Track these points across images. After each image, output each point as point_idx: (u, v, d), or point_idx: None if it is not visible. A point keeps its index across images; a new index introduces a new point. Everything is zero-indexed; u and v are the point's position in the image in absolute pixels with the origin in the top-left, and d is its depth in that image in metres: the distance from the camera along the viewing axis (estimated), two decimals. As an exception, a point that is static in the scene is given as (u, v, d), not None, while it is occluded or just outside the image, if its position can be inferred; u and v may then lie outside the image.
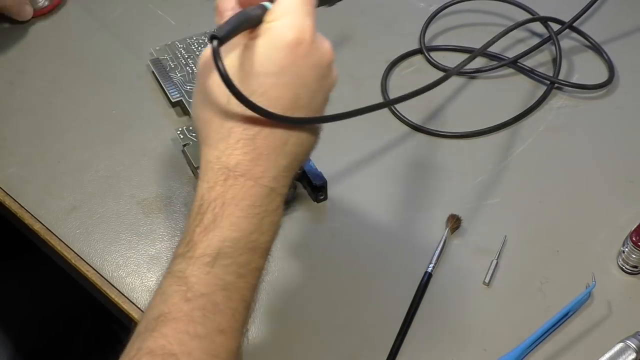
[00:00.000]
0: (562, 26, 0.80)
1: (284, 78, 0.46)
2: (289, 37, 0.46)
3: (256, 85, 0.45)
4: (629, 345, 0.54)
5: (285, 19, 0.46)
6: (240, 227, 0.45)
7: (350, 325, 0.57)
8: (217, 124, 0.46)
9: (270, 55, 0.46)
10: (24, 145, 0.70)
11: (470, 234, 0.63)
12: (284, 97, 0.46)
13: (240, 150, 0.46)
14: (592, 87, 0.76)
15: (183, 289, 0.44)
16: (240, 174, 0.46)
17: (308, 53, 0.46)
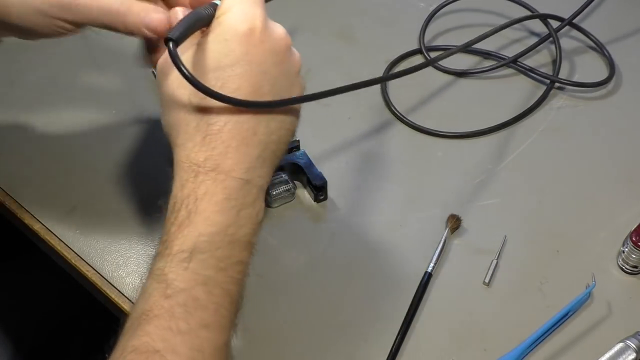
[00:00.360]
0: (562, 23, 0.80)
1: (239, 68, 0.46)
2: (240, 28, 0.46)
3: (213, 80, 0.45)
4: (629, 345, 0.54)
5: (234, 10, 0.46)
6: (215, 222, 0.45)
7: (350, 325, 0.57)
8: (183, 124, 0.47)
9: (223, 49, 0.46)
10: (24, 145, 0.70)
11: (470, 234, 0.63)
12: (243, 87, 0.46)
13: (207, 146, 0.46)
14: (592, 84, 0.76)
15: (162, 286, 0.44)
16: (210, 168, 0.46)
17: (261, 40, 0.46)
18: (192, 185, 0.46)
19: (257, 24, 0.46)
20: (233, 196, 0.46)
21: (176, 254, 0.44)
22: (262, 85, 0.47)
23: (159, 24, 0.52)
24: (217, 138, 0.46)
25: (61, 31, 0.55)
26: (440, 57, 0.61)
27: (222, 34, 0.46)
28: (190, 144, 0.46)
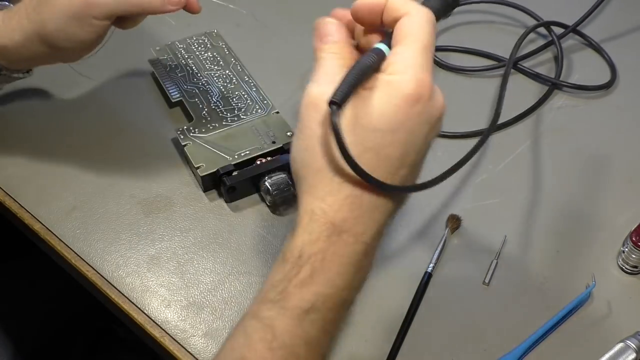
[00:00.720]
0: (565, 30, 0.81)
1: (397, 135, 0.44)
2: (412, 94, 0.44)
3: (369, 142, 0.44)
4: (629, 345, 0.54)
5: (409, 74, 0.44)
6: (335, 284, 0.45)
7: (350, 325, 0.57)
8: (328, 176, 0.45)
9: (386, 111, 0.44)
10: (24, 145, 0.70)
11: (470, 234, 0.63)
12: (394, 155, 0.45)
13: (348, 207, 0.45)
14: (593, 88, 0.76)
15: (269, 337, 0.44)
16: (344, 230, 0.45)
17: (424, 109, 0.44)
18: (324, 245, 0.45)
19: (425, 92, 0.44)
20: (355, 260, 0.45)
21: (291, 309, 0.44)
22: (409, 155, 0.45)
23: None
24: (357, 201, 0.45)
25: (97, 29, 0.60)
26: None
27: (392, 97, 0.44)
28: (330, 200, 0.45)
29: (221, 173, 0.64)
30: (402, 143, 0.45)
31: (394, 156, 0.45)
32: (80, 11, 0.58)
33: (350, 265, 0.45)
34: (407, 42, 0.45)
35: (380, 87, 0.44)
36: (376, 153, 0.44)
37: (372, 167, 0.44)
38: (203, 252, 0.62)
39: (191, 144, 0.66)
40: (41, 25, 0.59)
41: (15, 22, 0.61)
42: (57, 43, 0.60)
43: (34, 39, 0.60)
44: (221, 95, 0.72)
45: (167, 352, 0.57)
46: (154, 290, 0.59)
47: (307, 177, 0.46)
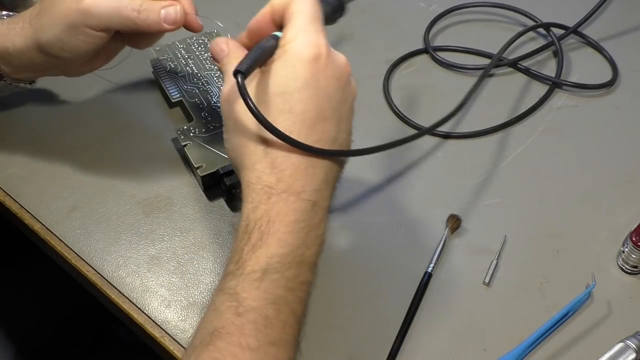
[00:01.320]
0: (565, 32, 0.81)
1: (307, 92, 0.48)
2: (307, 53, 0.48)
3: (282, 104, 0.48)
4: (629, 345, 0.54)
5: (300, 38, 0.49)
6: (286, 243, 0.47)
7: (350, 325, 0.57)
8: (252, 147, 0.49)
9: (290, 74, 0.48)
10: (24, 145, 0.70)
11: (470, 234, 0.63)
12: (309, 109, 0.48)
13: (278, 168, 0.48)
14: (594, 86, 0.76)
15: (234, 304, 0.45)
16: (282, 190, 0.48)
17: (326, 66, 0.49)
18: (265, 207, 0.47)
19: (322, 50, 0.49)
20: (302, 218, 0.48)
21: (249, 274, 0.46)
22: (325, 109, 0.49)
23: (177, 16, 0.61)
24: (287, 160, 0.48)
25: (93, 40, 0.60)
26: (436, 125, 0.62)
27: (289, 60, 0.48)
28: (260, 166, 0.48)
29: (221, 173, 0.64)
30: (315, 98, 0.48)
31: (311, 110, 0.48)
32: (75, 20, 0.59)
33: (297, 223, 0.47)
34: (294, 17, 0.50)
35: (279, 56, 0.49)
36: (293, 112, 0.48)
37: (289, 126, 0.48)
38: (203, 252, 0.62)
39: (191, 144, 0.66)
40: (39, 32, 0.60)
41: (18, 27, 0.61)
42: (52, 51, 0.61)
43: (33, 45, 0.61)
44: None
45: (167, 352, 0.57)
46: (154, 290, 0.59)
47: (238, 156, 0.50)
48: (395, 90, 0.76)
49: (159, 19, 0.60)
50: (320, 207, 0.49)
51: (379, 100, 0.75)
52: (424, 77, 0.78)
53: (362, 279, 0.60)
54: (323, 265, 0.62)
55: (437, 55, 0.79)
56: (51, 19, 0.59)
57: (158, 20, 0.60)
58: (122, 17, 0.59)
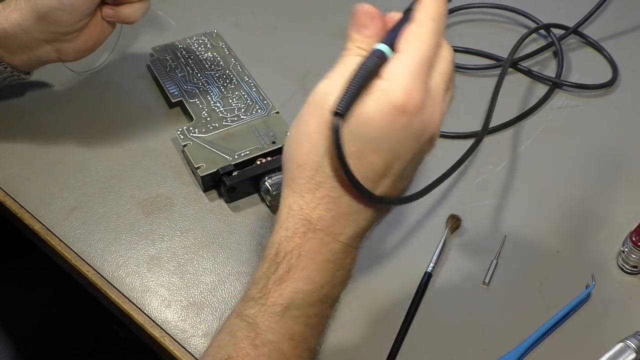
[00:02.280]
0: (565, 32, 0.81)
1: (381, 145, 0.44)
2: (395, 103, 0.43)
3: (355, 147, 0.44)
4: (629, 345, 0.54)
5: (397, 82, 0.43)
6: (313, 281, 0.46)
7: (350, 325, 0.57)
8: (308, 172, 0.45)
9: (374, 118, 0.43)
10: (24, 146, 0.70)
11: (470, 234, 0.63)
12: (377, 163, 0.44)
13: (324, 207, 0.45)
14: (594, 86, 0.76)
15: (252, 335, 0.45)
16: (320, 228, 0.45)
17: (409, 124, 0.44)
18: (299, 241, 0.45)
19: (412, 105, 0.43)
20: (333, 258, 0.46)
21: (271, 306, 0.45)
22: (392, 167, 0.45)
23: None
24: (334, 202, 0.45)
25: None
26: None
27: (380, 102, 0.43)
28: (308, 197, 0.45)
29: (221, 173, 0.64)
30: (387, 154, 0.44)
31: (378, 165, 0.45)
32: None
33: (327, 262, 0.46)
34: (408, 49, 0.44)
35: (373, 92, 0.44)
36: (361, 160, 0.44)
37: (354, 171, 0.44)
38: (203, 252, 0.62)
39: (191, 144, 0.66)
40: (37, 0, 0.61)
41: (12, 4, 0.62)
42: (51, 14, 0.61)
43: (30, 15, 0.61)
44: (221, 95, 0.72)
45: (167, 352, 0.57)
46: (154, 290, 0.59)
47: (290, 170, 0.46)
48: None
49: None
50: (353, 249, 0.48)
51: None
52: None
53: (362, 279, 0.60)
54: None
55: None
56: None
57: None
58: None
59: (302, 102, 0.47)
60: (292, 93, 0.75)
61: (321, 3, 0.87)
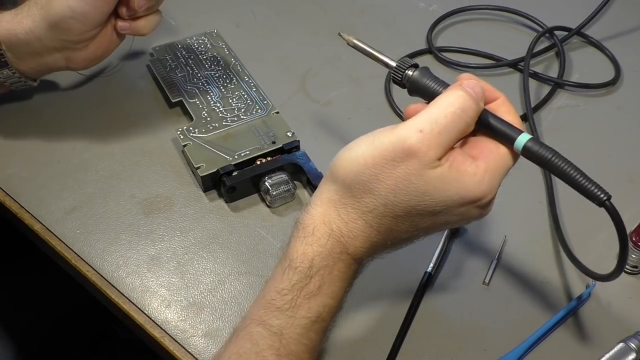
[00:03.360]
0: (568, 34, 0.81)
1: (437, 216, 0.47)
2: (471, 196, 0.46)
3: (416, 211, 0.47)
4: (629, 345, 0.54)
5: (488, 175, 0.47)
6: (337, 296, 0.48)
7: (351, 325, 0.57)
8: (363, 207, 0.47)
9: (449, 195, 0.46)
10: (24, 146, 0.70)
11: (470, 234, 0.63)
12: (421, 225, 0.48)
13: (362, 241, 0.48)
14: (596, 86, 0.76)
15: (276, 345, 0.46)
16: (351, 255, 0.48)
17: (470, 212, 0.48)
18: (333, 261, 0.47)
19: (484, 200, 0.47)
20: (353, 276, 0.50)
21: (300, 319, 0.47)
22: (429, 229, 0.49)
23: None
24: (372, 240, 0.48)
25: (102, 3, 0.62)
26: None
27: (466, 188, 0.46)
28: (352, 225, 0.47)
29: (221, 173, 0.64)
30: (435, 224, 0.48)
31: (422, 230, 0.48)
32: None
33: (348, 280, 0.49)
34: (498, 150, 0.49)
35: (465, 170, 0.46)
36: (414, 214, 0.47)
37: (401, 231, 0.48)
38: (203, 252, 0.62)
39: (191, 144, 0.66)
40: (48, 6, 0.61)
41: (25, 11, 0.63)
42: (63, 22, 0.62)
43: (42, 22, 0.62)
44: (221, 95, 0.72)
45: (167, 352, 0.57)
46: (154, 290, 0.59)
47: (347, 190, 0.47)
48: (398, 91, 0.76)
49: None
50: (362, 269, 0.51)
51: (380, 100, 0.75)
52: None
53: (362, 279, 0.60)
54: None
55: (441, 55, 0.79)
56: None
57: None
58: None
59: (302, 102, 0.47)
60: (292, 93, 0.75)
61: (321, 3, 0.87)
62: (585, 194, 0.46)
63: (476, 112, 0.47)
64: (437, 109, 0.46)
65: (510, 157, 0.48)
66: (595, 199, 0.46)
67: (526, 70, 0.76)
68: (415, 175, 0.45)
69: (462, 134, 0.47)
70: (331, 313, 0.48)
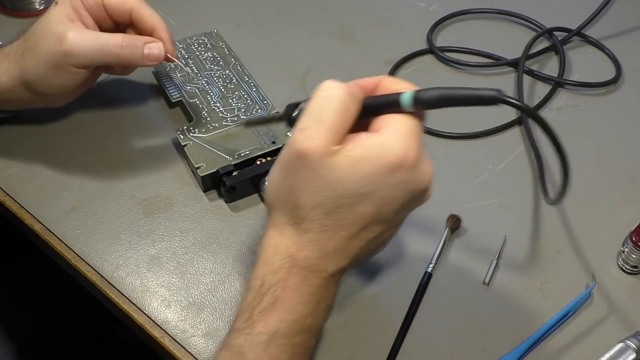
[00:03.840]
0: (568, 35, 0.81)
1: (373, 196, 0.46)
2: (392, 161, 0.45)
3: (346, 200, 0.46)
4: (629, 345, 0.54)
5: (393, 139, 0.46)
6: (297, 311, 0.48)
7: (350, 325, 0.57)
8: (297, 220, 0.48)
9: (368, 173, 0.46)
10: (24, 146, 0.70)
11: (470, 234, 0.63)
12: (367, 212, 0.47)
13: (310, 248, 0.48)
14: (596, 85, 0.76)
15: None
16: (305, 266, 0.48)
17: (406, 179, 0.46)
18: (285, 275, 0.48)
19: (408, 162, 0.46)
20: (316, 291, 0.49)
21: (257, 335, 0.47)
22: (383, 214, 0.48)
23: (160, 54, 0.64)
24: (322, 244, 0.48)
25: (79, 76, 0.63)
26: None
27: (373, 157, 0.46)
28: (295, 238, 0.48)
29: (221, 173, 0.64)
30: (378, 203, 0.47)
31: (369, 213, 0.47)
32: (59, 60, 0.61)
33: (310, 295, 0.48)
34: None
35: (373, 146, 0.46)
36: (352, 209, 0.47)
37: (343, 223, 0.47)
38: (203, 252, 0.62)
39: (191, 144, 0.66)
40: (25, 72, 0.62)
41: (5, 66, 0.64)
42: (39, 89, 0.63)
43: (20, 84, 0.63)
44: (221, 95, 0.72)
45: (167, 352, 0.57)
46: (154, 290, 0.59)
47: (281, 214, 0.49)
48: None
49: (142, 56, 0.63)
50: (335, 283, 0.50)
51: (379, 100, 0.75)
52: (426, 78, 0.77)
53: (362, 279, 0.60)
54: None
55: (443, 54, 0.79)
56: (36, 60, 0.62)
57: (141, 57, 0.63)
58: (104, 54, 0.62)
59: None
60: (292, 93, 0.75)
61: (321, 3, 0.87)
62: (480, 102, 0.46)
63: (346, 89, 0.47)
64: (309, 105, 0.47)
65: (410, 117, 0.47)
66: (489, 100, 0.45)
67: (521, 68, 0.76)
68: (320, 169, 0.45)
69: (346, 113, 0.47)
70: (294, 329, 0.47)
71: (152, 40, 0.64)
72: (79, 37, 0.61)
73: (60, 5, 0.63)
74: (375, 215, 0.47)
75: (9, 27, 0.83)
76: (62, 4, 0.63)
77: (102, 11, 0.64)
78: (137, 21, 0.65)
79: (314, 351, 0.55)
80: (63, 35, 0.60)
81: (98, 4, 0.64)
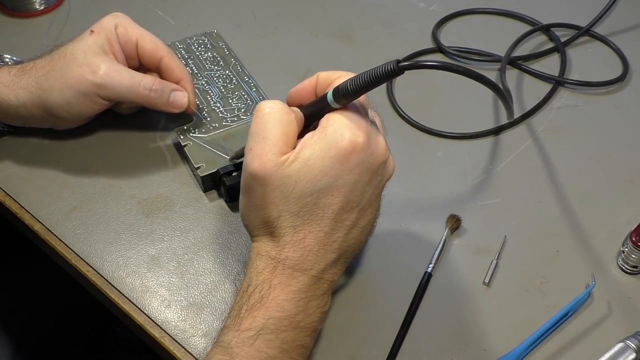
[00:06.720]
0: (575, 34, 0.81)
1: (334, 186, 0.48)
2: (345, 146, 0.48)
3: (309, 196, 0.48)
4: (629, 345, 0.54)
5: (340, 123, 0.48)
6: (285, 308, 0.49)
7: (350, 325, 0.57)
8: (271, 230, 0.50)
9: (320, 167, 0.48)
10: (24, 146, 0.70)
11: (470, 234, 0.63)
12: (334, 202, 0.49)
13: (290, 250, 0.50)
14: (597, 84, 0.76)
15: (226, 358, 0.47)
16: (288, 266, 0.49)
17: (361, 159, 0.49)
18: (269, 275, 0.50)
19: (360, 140, 0.48)
20: (305, 289, 0.50)
21: (244, 331, 0.48)
22: (351, 200, 0.50)
23: (183, 103, 0.66)
24: (299, 244, 0.49)
25: (100, 107, 0.65)
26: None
27: (325, 147, 0.48)
28: (273, 244, 0.50)
29: (221, 173, 0.64)
30: (342, 191, 0.49)
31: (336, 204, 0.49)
32: (88, 89, 0.62)
33: (299, 293, 0.49)
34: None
35: (319, 139, 0.48)
36: (318, 204, 0.49)
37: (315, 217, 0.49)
38: (203, 252, 0.62)
39: (191, 144, 0.66)
40: (46, 92, 0.63)
41: (24, 82, 0.64)
42: (55, 111, 0.64)
43: (38, 103, 0.64)
44: (221, 95, 0.72)
45: (167, 352, 0.57)
46: (154, 290, 0.59)
47: (255, 228, 0.52)
48: (399, 91, 0.76)
49: (167, 101, 0.65)
50: (326, 281, 0.51)
51: (381, 100, 0.75)
52: (427, 77, 0.77)
53: (362, 279, 0.60)
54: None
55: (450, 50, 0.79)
56: (62, 83, 0.62)
57: (166, 102, 0.65)
58: (133, 93, 0.63)
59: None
60: (292, 93, 0.75)
61: (321, 3, 0.87)
62: (386, 76, 0.47)
63: (280, 103, 0.50)
64: (251, 127, 0.50)
65: (344, 109, 0.50)
66: (392, 73, 0.47)
67: (504, 63, 0.77)
68: (275, 181, 0.48)
69: (288, 124, 0.50)
70: (282, 325, 0.49)
71: (178, 88, 0.66)
72: (113, 71, 0.62)
73: (96, 36, 0.63)
74: (344, 203, 0.49)
75: (9, 27, 0.83)
76: (98, 35, 0.64)
77: (133, 50, 0.66)
78: (166, 70, 0.66)
79: (314, 351, 0.55)
80: (97, 67, 0.62)
81: (132, 43, 0.65)
